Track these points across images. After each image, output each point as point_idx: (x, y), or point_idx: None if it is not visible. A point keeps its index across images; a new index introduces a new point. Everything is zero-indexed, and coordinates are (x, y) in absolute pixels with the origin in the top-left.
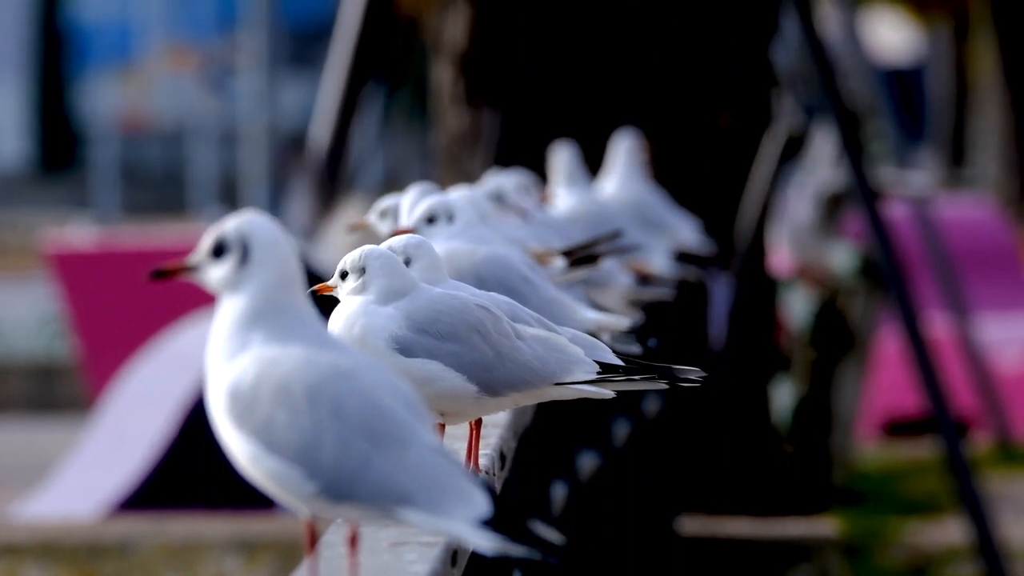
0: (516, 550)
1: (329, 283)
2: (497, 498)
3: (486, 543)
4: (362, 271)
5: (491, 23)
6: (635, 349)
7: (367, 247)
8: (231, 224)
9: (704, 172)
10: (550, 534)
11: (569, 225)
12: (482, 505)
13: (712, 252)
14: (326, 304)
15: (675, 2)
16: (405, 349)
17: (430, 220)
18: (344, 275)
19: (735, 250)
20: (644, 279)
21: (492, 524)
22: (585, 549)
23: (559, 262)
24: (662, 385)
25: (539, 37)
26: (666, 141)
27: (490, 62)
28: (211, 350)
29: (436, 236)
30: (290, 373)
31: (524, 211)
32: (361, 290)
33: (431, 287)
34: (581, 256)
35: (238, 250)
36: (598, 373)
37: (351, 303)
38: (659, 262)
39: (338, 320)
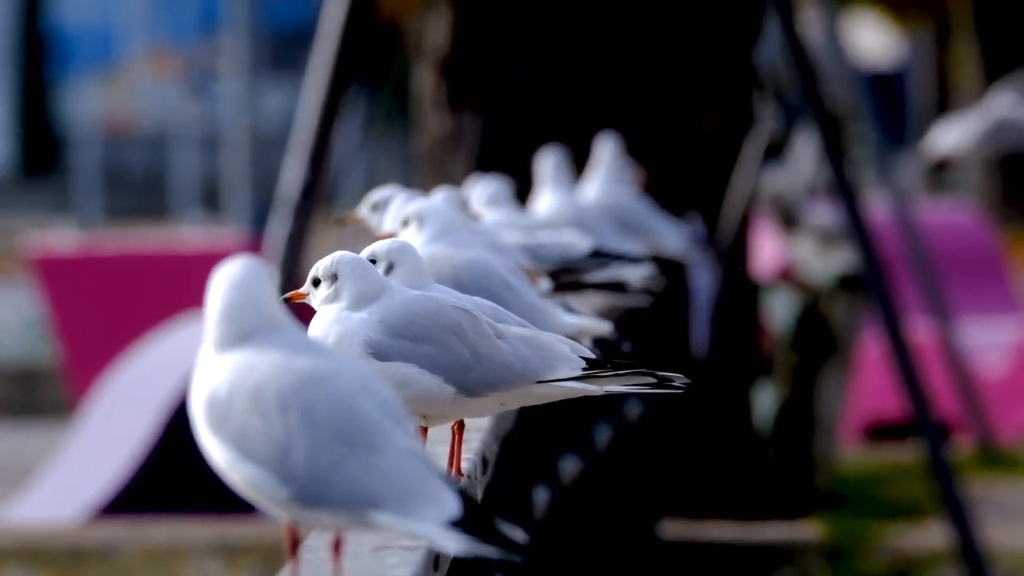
0: (485, 550)
1: (302, 290)
2: (467, 499)
3: (454, 544)
4: (334, 277)
5: (473, 27)
6: (619, 350)
7: (339, 252)
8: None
9: (693, 176)
10: (517, 534)
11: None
12: (452, 507)
13: (697, 258)
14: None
15: (664, 5)
16: (380, 353)
17: (404, 224)
18: (316, 282)
19: (717, 253)
20: (621, 287)
21: (462, 525)
22: (567, 553)
23: (544, 283)
24: (649, 381)
25: (529, 39)
26: (657, 144)
27: (472, 66)
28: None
29: (417, 240)
30: (263, 380)
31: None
32: (334, 297)
33: (405, 289)
34: (567, 281)
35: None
36: (584, 369)
37: (326, 311)
38: (638, 272)
39: (314, 329)
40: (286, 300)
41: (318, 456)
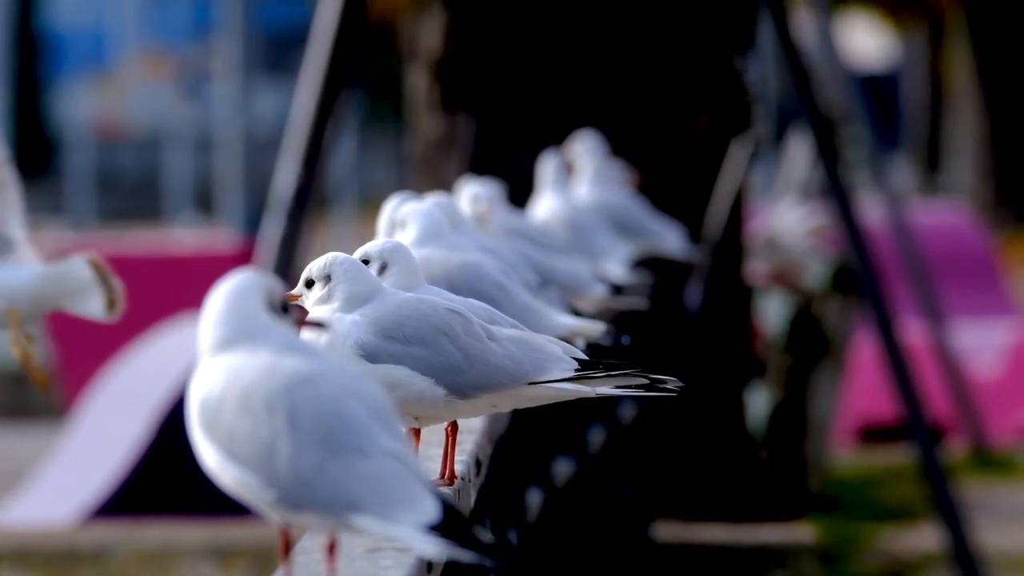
0: (460, 554)
1: (295, 291)
2: (446, 504)
3: (431, 548)
4: (327, 278)
5: (467, 29)
6: (612, 346)
7: (332, 254)
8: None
9: (688, 177)
10: (488, 537)
11: (547, 232)
12: (430, 510)
13: (693, 258)
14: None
15: (659, 7)
16: (371, 355)
17: (395, 228)
18: (310, 283)
19: (708, 256)
20: (617, 288)
21: (439, 529)
22: (560, 556)
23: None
24: (642, 381)
25: (523, 40)
26: (652, 146)
27: (466, 68)
28: None
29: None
30: (251, 382)
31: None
32: (327, 298)
33: (398, 291)
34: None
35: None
36: (576, 370)
37: (318, 313)
38: (618, 269)
39: (307, 331)
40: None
41: (301, 458)
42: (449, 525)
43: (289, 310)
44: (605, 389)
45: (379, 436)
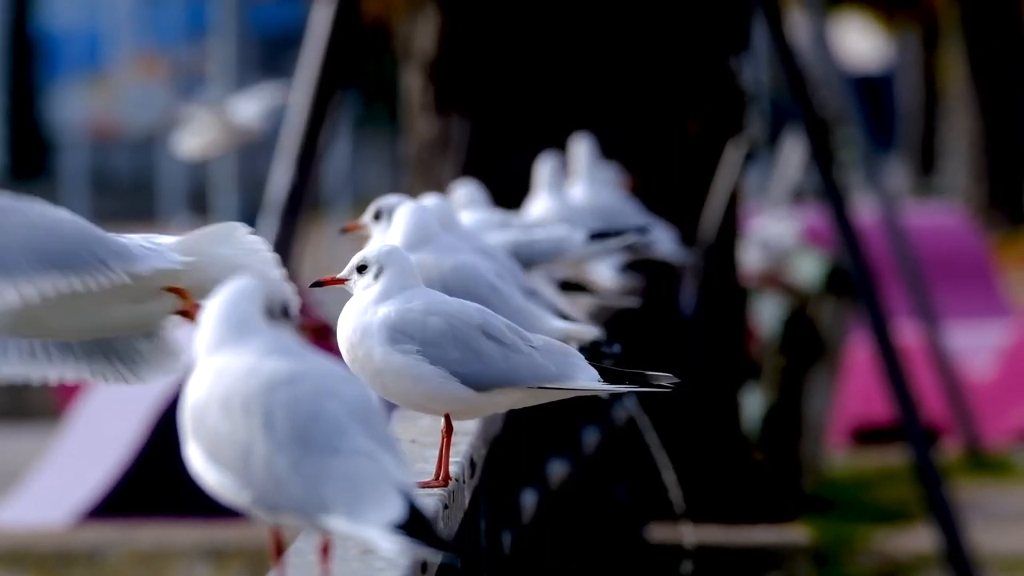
0: (425, 554)
1: (342, 274)
2: (411, 503)
3: (393, 547)
4: (379, 269)
5: (462, 30)
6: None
7: (390, 245)
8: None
9: (682, 178)
10: (446, 534)
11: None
12: (396, 510)
13: (685, 261)
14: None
15: (652, 9)
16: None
17: (375, 218)
18: (361, 269)
19: (701, 257)
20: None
21: (405, 528)
22: (555, 557)
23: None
24: (637, 383)
25: (517, 42)
26: (645, 147)
27: (460, 69)
28: None
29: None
30: (231, 385)
31: None
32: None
33: (431, 291)
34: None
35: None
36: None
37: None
38: (608, 272)
39: (346, 316)
40: (319, 284)
41: (275, 459)
42: (414, 524)
43: (290, 315)
44: (598, 385)
45: (354, 436)
